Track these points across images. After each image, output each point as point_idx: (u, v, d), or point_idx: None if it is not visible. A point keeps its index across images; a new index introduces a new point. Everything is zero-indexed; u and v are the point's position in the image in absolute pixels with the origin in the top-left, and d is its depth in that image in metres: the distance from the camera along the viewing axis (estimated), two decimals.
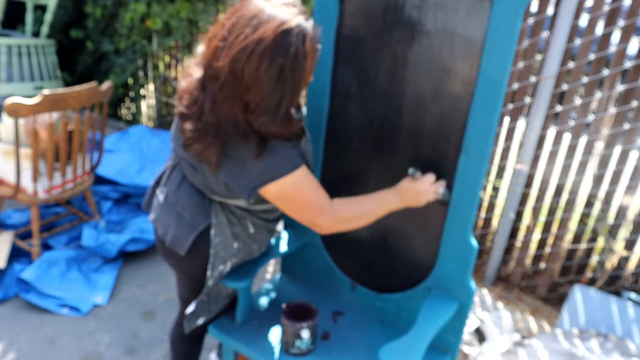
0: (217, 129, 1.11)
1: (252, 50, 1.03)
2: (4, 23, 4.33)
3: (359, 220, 1.27)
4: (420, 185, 1.27)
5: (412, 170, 1.28)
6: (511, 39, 1.12)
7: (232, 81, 1.06)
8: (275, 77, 1.06)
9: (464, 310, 1.36)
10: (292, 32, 1.05)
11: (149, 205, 1.46)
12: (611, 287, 2.30)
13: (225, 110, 1.10)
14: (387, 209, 1.29)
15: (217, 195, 1.28)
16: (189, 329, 1.44)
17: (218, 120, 1.11)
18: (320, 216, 1.21)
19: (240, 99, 1.08)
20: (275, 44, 1.04)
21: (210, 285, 1.36)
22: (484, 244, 2.65)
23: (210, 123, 1.12)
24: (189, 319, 1.42)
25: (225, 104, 1.09)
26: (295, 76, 1.08)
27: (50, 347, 2.02)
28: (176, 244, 1.32)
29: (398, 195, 1.28)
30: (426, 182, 1.27)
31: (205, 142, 1.12)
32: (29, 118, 2.18)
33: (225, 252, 1.33)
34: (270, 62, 1.04)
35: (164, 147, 3.25)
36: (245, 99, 1.08)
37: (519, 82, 2.33)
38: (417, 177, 1.28)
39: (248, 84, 1.06)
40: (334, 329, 1.50)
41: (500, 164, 2.49)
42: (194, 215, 1.31)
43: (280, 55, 1.04)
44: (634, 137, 2.10)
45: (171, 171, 1.37)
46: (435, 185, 1.28)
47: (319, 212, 1.21)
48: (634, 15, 1.99)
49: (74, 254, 2.42)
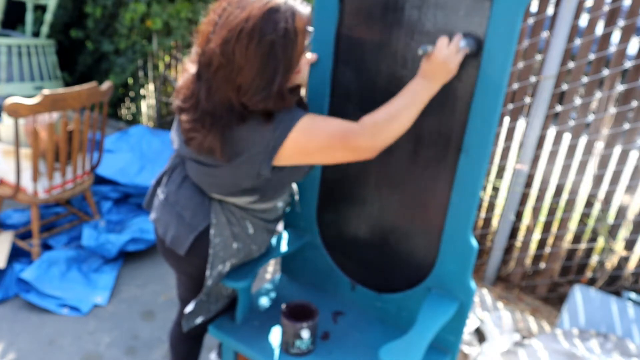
0: (213, 116, 1.12)
1: (241, 29, 1.05)
2: (4, 23, 4.33)
3: (398, 120, 1.15)
4: (439, 54, 1.13)
5: (422, 49, 1.14)
6: (511, 39, 1.12)
7: (225, 64, 1.08)
8: (266, 54, 1.07)
9: (464, 310, 1.36)
10: (280, 9, 1.07)
11: (150, 205, 1.46)
12: (611, 287, 2.30)
13: (219, 96, 1.11)
14: (422, 97, 1.16)
15: (220, 192, 1.28)
16: (187, 328, 1.44)
17: (214, 107, 1.12)
18: (353, 137, 1.13)
19: (233, 82, 1.09)
20: (264, 20, 1.05)
21: (209, 285, 1.36)
22: (484, 244, 2.65)
23: (206, 111, 1.12)
24: (187, 318, 1.42)
25: (220, 89, 1.11)
26: (287, 52, 1.09)
27: (50, 347, 2.02)
28: (176, 244, 1.32)
29: (425, 78, 1.17)
30: (443, 48, 1.14)
31: (203, 130, 1.13)
32: (29, 118, 2.19)
33: (225, 252, 1.33)
34: (260, 39, 1.06)
35: (164, 147, 3.25)
36: (238, 81, 1.09)
37: (519, 82, 2.33)
38: (431, 50, 1.15)
39: (240, 63, 1.07)
40: (334, 329, 1.50)
41: (500, 164, 2.49)
42: (194, 215, 1.31)
43: (269, 32, 1.06)
44: (634, 137, 2.10)
45: (172, 171, 1.37)
46: (454, 44, 1.15)
47: (350, 134, 1.13)
48: (634, 15, 1.99)
49: (74, 254, 2.42)
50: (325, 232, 1.60)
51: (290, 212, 1.62)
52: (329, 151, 1.16)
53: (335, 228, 1.58)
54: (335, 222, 1.57)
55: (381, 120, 1.15)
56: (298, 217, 1.62)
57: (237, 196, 1.28)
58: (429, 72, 1.16)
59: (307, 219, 1.60)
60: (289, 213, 1.63)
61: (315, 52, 1.42)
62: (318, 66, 1.42)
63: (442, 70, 1.15)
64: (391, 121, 1.15)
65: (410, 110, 1.16)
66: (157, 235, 1.41)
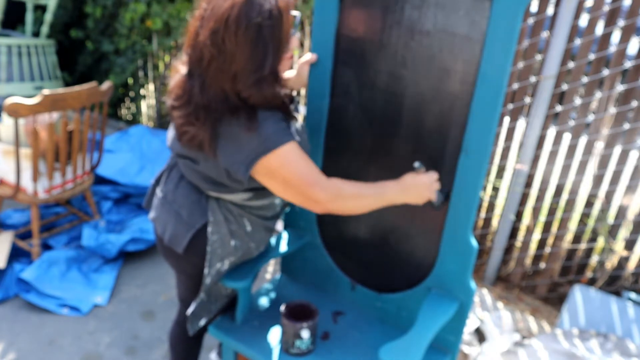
0: (207, 109, 1.14)
1: (227, 17, 1.07)
2: (4, 23, 4.33)
3: (357, 202, 1.22)
4: (424, 178, 1.24)
5: (418, 165, 1.25)
6: (511, 39, 1.12)
7: (217, 54, 1.10)
8: (255, 38, 1.09)
9: (464, 310, 1.36)
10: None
11: (149, 205, 1.47)
12: (611, 287, 2.30)
13: (214, 89, 1.13)
14: (387, 199, 1.24)
15: (217, 189, 1.28)
16: (192, 332, 1.44)
17: (207, 101, 1.13)
18: (315, 189, 1.17)
19: (227, 71, 1.11)
20: (248, 5, 1.08)
21: (207, 283, 1.36)
22: (484, 244, 2.65)
23: (199, 105, 1.14)
24: (192, 321, 1.43)
25: (214, 82, 1.12)
26: (274, 33, 1.12)
27: (50, 347, 2.02)
28: (174, 242, 1.33)
29: (399, 186, 1.25)
30: (430, 177, 1.25)
31: (198, 123, 1.14)
32: (29, 118, 2.19)
33: (223, 250, 1.34)
34: (247, 24, 1.08)
35: (164, 147, 3.26)
36: (232, 69, 1.11)
37: (519, 82, 2.33)
38: (422, 171, 1.26)
39: (231, 51, 1.09)
40: (334, 329, 1.50)
41: (500, 164, 2.49)
42: (191, 213, 1.31)
43: (254, 16, 1.08)
44: (634, 137, 2.10)
45: (170, 170, 1.38)
46: (437, 184, 1.27)
47: (314, 185, 1.17)
48: (634, 15, 1.99)
49: (74, 254, 2.42)
50: (325, 232, 1.60)
51: (290, 212, 1.62)
52: (289, 188, 1.18)
53: (335, 228, 1.58)
54: (335, 222, 1.57)
55: (347, 193, 1.20)
56: (298, 217, 1.62)
57: (232, 193, 1.28)
58: (408, 185, 1.25)
59: (307, 219, 1.60)
60: (288, 213, 1.63)
61: (315, 52, 1.42)
62: (318, 66, 1.42)
63: (417, 191, 1.25)
64: (354, 199, 1.21)
65: (371, 201, 1.23)
66: (156, 234, 1.41)
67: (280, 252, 1.55)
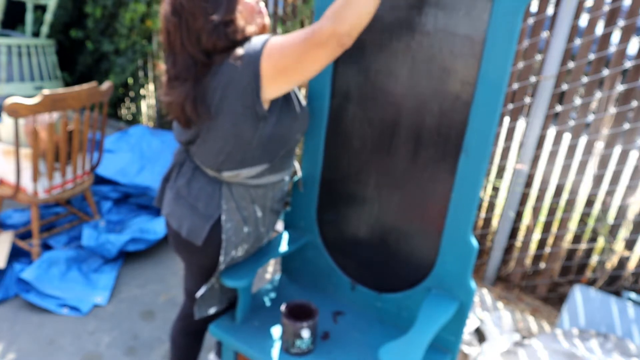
0: (178, 77, 1.21)
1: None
2: (4, 23, 4.33)
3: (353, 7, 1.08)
4: None
5: None
6: (511, 39, 1.12)
7: (178, 23, 1.19)
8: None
9: (464, 310, 1.36)
10: None
11: (160, 202, 1.49)
12: (611, 287, 2.30)
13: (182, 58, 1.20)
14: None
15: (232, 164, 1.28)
16: (199, 316, 1.46)
17: (179, 71, 1.21)
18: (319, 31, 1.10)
19: (191, 35, 1.19)
20: None
21: (222, 270, 1.39)
22: (484, 244, 2.65)
23: (174, 76, 1.22)
24: (200, 305, 1.45)
25: (182, 51, 1.20)
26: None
27: (50, 347, 2.02)
28: (192, 235, 1.35)
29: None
30: None
31: (180, 85, 1.21)
32: (29, 118, 2.19)
33: (237, 237, 1.36)
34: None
35: (164, 147, 3.26)
36: (195, 28, 1.18)
37: (519, 82, 2.33)
38: None
39: (189, 10, 1.17)
40: (334, 329, 1.50)
41: (500, 164, 2.49)
42: (208, 205, 1.34)
43: None
44: (634, 137, 2.10)
45: (181, 166, 1.40)
46: None
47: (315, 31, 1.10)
48: (634, 15, 1.99)
49: (74, 254, 2.42)
50: (325, 232, 1.60)
51: (290, 212, 1.63)
52: (305, 56, 1.14)
53: (336, 228, 1.58)
54: (335, 222, 1.57)
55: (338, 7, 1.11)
56: (298, 217, 1.62)
57: (248, 166, 1.28)
58: None
59: (307, 219, 1.60)
60: (289, 213, 1.63)
61: None
62: None
63: None
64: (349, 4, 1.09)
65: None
66: (170, 229, 1.43)
67: (280, 252, 1.55)
